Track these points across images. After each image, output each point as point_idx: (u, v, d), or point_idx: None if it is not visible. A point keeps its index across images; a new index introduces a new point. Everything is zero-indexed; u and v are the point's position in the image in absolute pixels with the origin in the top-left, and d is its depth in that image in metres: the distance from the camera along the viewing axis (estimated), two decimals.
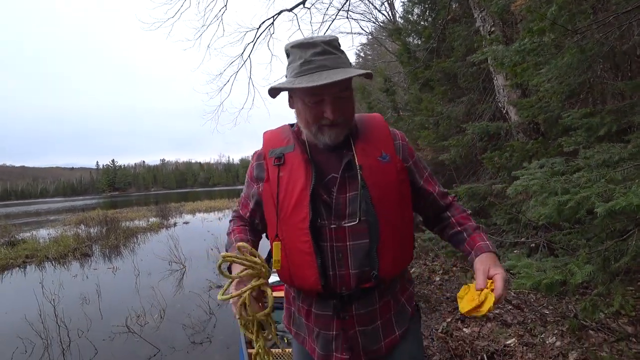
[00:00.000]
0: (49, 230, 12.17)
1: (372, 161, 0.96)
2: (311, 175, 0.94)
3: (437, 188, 1.09)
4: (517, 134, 4.09)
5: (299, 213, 0.94)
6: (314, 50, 0.89)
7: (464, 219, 1.06)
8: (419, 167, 1.07)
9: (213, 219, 14.74)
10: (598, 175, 1.70)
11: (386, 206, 0.95)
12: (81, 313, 4.18)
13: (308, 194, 0.93)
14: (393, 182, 0.98)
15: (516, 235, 3.57)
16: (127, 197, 62.45)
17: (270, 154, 1.01)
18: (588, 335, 2.29)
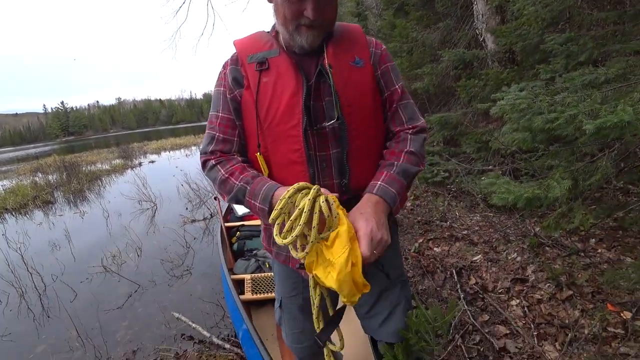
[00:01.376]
0: (2, 182, 11.38)
1: (343, 65, 0.92)
2: (302, 80, 0.89)
3: (400, 109, 0.99)
4: (492, 62, 4.07)
5: (290, 120, 0.89)
6: None
7: (391, 155, 0.95)
8: (387, 77, 0.99)
9: (180, 156, 14.26)
10: (583, 96, 1.70)
11: (357, 112, 0.92)
12: (52, 259, 4.06)
13: (301, 100, 0.88)
14: (365, 88, 0.95)
15: (484, 163, 3.71)
16: (84, 140, 58.74)
17: (250, 59, 0.94)
18: (544, 251, 2.51)
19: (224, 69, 0.99)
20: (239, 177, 0.91)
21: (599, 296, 1.96)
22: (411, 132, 0.97)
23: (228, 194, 0.93)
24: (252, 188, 0.88)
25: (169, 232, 4.48)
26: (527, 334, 1.82)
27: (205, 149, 0.99)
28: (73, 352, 2.36)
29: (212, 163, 0.96)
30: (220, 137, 0.97)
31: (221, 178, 0.93)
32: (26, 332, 2.70)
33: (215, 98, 1.00)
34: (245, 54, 0.95)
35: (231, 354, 2.07)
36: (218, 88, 0.99)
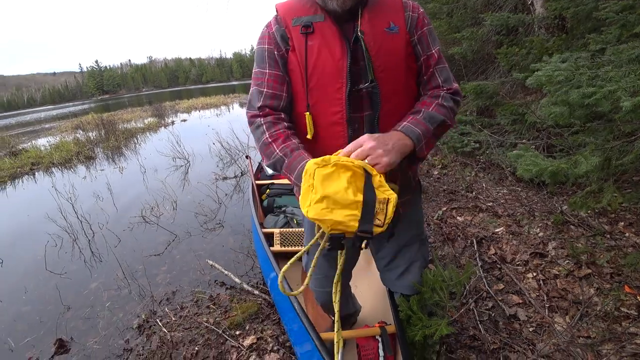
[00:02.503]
0: (47, 138, 12.11)
1: (377, 30, 0.94)
2: (346, 46, 0.93)
3: (437, 72, 1.01)
4: (538, 29, 3.78)
5: (335, 83, 0.94)
6: None
7: (421, 104, 0.99)
8: (423, 43, 1.00)
9: (210, 116, 14.53)
10: (627, 71, 1.62)
11: (390, 77, 0.95)
12: (98, 209, 4.42)
13: (345, 64, 0.92)
14: (399, 54, 0.96)
15: (518, 137, 3.59)
16: (118, 99, 60.59)
17: (295, 22, 0.97)
18: (569, 229, 2.48)
19: (268, 28, 1.01)
20: (280, 146, 0.94)
21: (618, 277, 1.97)
22: (445, 92, 1.00)
23: (267, 159, 0.97)
24: (289, 162, 0.92)
25: (202, 187, 4.73)
26: (539, 305, 1.89)
27: (254, 105, 1.01)
28: (121, 290, 2.67)
29: (259, 121, 0.98)
30: (269, 93, 0.99)
31: (264, 141, 0.96)
32: (80, 272, 3.05)
33: (260, 55, 1.01)
34: (289, 16, 0.97)
35: (259, 299, 2.28)
36: (263, 46, 1.00)
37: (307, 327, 1.30)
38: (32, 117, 36.10)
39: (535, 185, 3.21)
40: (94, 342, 2.14)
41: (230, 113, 15.20)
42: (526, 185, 3.29)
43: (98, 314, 2.41)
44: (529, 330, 1.76)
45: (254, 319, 2.11)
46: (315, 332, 1.27)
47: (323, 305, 1.41)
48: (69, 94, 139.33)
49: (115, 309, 2.45)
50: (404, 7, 0.98)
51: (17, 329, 2.40)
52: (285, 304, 1.59)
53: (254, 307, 2.18)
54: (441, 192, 3.47)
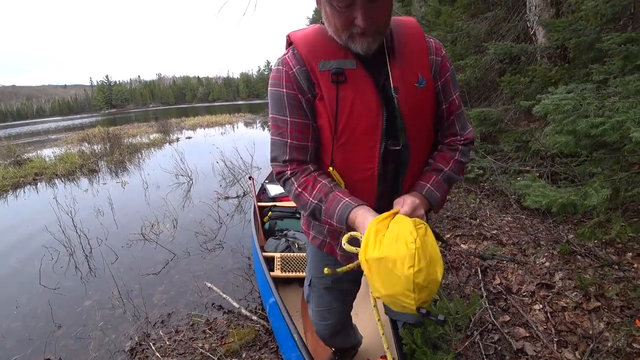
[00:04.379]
0: (52, 149, 12.23)
1: (409, 88, 0.88)
2: (381, 100, 0.86)
3: (456, 120, 0.99)
4: (541, 58, 3.87)
5: (368, 140, 0.88)
6: None
7: (441, 159, 0.98)
8: (447, 90, 0.97)
9: (215, 134, 14.67)
10: (634, 102, 1.63)
11: (418, 135, 0.92)
12: (97, 224, 4.39)
13: (382, 120, 0.86)
14: (427, 109, 0.93)
15: (522, 164, 3.60)
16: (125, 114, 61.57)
17: (323, 66, 0.85)
18: (576, 259, 2.44)
19: (286, 67, 0.88)
20: (312, 193, 0.89)
21: (628, 311, 1.91)
22: (462, 143, 0.99)
23: (305, 210, 0.92)
24: (326, 208, 0.88)
25: (204, 206, 4.71)
26: (547, 339, 1.82)
27: (279, 159, 0.92)
28: (115, 309, 2.60)
29: (287, 175, 0.92)
30: (294, 145, 0.90)
31: (295, 192, 0.91)
32: (75, 288, 2.99)
33: (277, 99, 0.89)
34: (314, 57, 0.86)
35: (257, 325, 2.21)
36: (281, 90, 0.88)
37: (306, 358, 1.25)
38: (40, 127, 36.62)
39: (540, 213, 3.17)
40: None
41: (235, 132, 15.35)
42: (531, 213, 3.25)
43: (90, 334, 2.35)
44: None
45: (252, 346, 2.04)
46: None
47: (322, 339, 1.36)
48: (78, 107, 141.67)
49: (108, 330, 2.38)
50: (427, 49, 0.92)
51: (4, 346, 2.33)
52: (284, 332, 1.53)
53: (252, 333, 2.11)
54: (445, 219, 3.43)
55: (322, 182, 0.90)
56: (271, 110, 0.92)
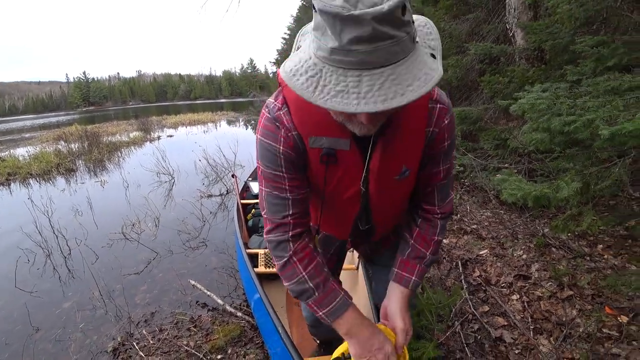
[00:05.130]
0: (27, 148, 11.77)
1: (385, 182, 0.87)
2: (362, 176, 0.85)
3: (437, 191, 0.97)
4: (519, 59, 4.00)
5: (348, 207, 0.94)
6: (356, 34, 0.54)
7: (422, 241, 0.99)
8: (434, 161, 0.91)
9: (198, 132, 14.45)
10: (603, 101, 1.72)
11: (387, 214, 0.99)
12: (76, 224, 4.27)
13: (359, 197, 0.90)
14: (406, 195, 0.96)
15: (500, 161, 3.72)
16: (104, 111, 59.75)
17: (314, 143, 0.80)
18: (550, 251, 2.55)
19: (283, 128, 0.80)
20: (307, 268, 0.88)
21: (599, 299, 2.01)
22: (440, 217, 0.98)
23: (288, 281, 0.89)
24: (320, 297, 0.87)
25: (186, 205, 4.65)
26: (524, 327, 1.90)
27: (279, 212, 0.87)
28: (96, 310, 2.55)
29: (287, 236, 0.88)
30: (296, 199, 0.87)
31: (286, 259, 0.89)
32: (53, 290, 2.90)
33: (273, 156, 0.82)
34: (306, 131, 0.79)
35: (243, 321, 2.21)
36: (278, 146, 0.81)
37: (291, 351, 1.27)
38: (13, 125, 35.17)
39: (517, 208, 3.28)
40: None
41: (217, 130, 15.16)
42: (509, 208, 3.36)
43: (70, 336, 2.29)
44: (514, 353, 1.75)
45: (237, 342, 2.04)
46: (300, 356, 1.24)
47: (312, 326, 1.37)
48: (53, 104, 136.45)
49: (89, 331, 2.33)
50: (427, 121, 0.83)
51: None
52: (269, 327, 1.54)
53: (237, 329, 2.11)
54: None
55: (318, 261, 0.90)
56: (265, 164, 0.84)
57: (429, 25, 0.67)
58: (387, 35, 0.54)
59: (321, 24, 0.57)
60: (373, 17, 0.52)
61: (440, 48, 0.65)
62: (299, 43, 0.70)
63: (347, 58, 0.56)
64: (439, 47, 0.65)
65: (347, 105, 0.56)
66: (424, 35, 0.65)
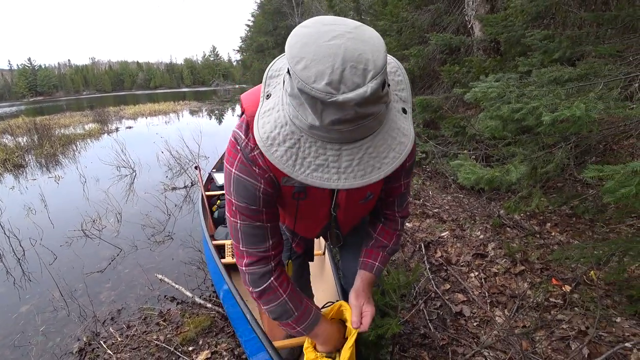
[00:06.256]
0: None
1: (351, 205, 0.95)
2: (331, 205, 0.93)
3: (397, 200, 1.04)
4: (477, 50, 4.16)
5: (316, 224, 1.04)
6: (338, 117, 0.54)
7: (386, 234, 1.08)
8: (395, 178, 0.96)
9: (159, 123, 13.89)
10: (547, 91, 1.85)
11: (351, 223, 1.09)
12: (29, 223, 4.02)
13: (328, 217, 0.98)
14: (367, 212, 1.09)
15: (460, 147, 3.90)
16: (54, 102, 55.40)
17: (286, 182, 0.81)
18: (505, 231, 2.75)
19: (258, 169, 0.79)
20: (286, 291, 0.92)
21: (547, 272, 2.20)
22: (400, 217, 1.08)
23: (267, 305, 0.91)
24: (299, 315, 0.93)
25: (150, 198, 4.51)
26: (482, 301, 2.05)
27: (260, 247, 0.87)
28: (57, 311, 2.44)
29: (270, 266, 0.89)
30: (274, 226, 0.89)
31: (270, 285, 0.90)
32: (7, 294, 2.74)
33: (251, 193, 0.81)
34: (279, 174, 0.80)
35: (213, 312, 2.21)
36: (258, 184, 0.80)
37: (261, 338, 1.30)
38: None
39: (475, 192, 3.47)
40: None
41: (180, 121, 14.63)
42: (468, 192, 3.55)
43: (30, 340, 2.19)
44: (473, 325, 1.89)
45: (208, 333, 2.04)
46: (270, 342, 1.27)
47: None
48: None
49: (51, 333, 2.23)
50: None
51: None
52: (238, 316, 1.56)
53: (207, 320, 2.11)
54: None
55: (292, 282, 0.97)
56: (240, 199, 0.82)
57: (399, 72, 0.68)
58: (368, 114, 0.55)
59: (298, 96, 0.56)
60: (356, 102, 0.52)
61: (410, 96, 0.67)
62: (268, 89, 0.67)
63: (327, 134, 0.57)
64: (409, 97, 0.66)
65: (327, 181, 0.58)
66: (394, 85, 0.66)
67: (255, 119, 0.64)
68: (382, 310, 1.31)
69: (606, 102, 1.55)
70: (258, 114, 0.65)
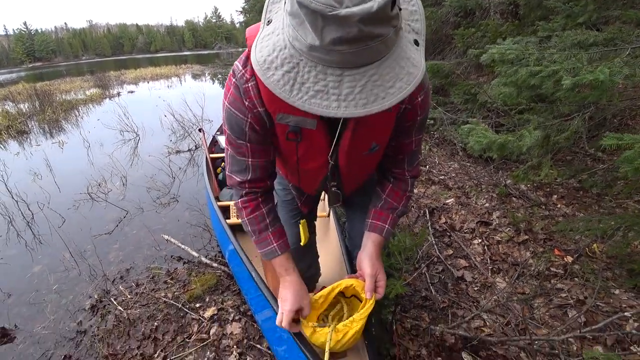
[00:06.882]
0: None
1: (355, 157, 0.89)
2: (331, 151, 0.87)
3: (407, 158, 1.00)
4: (494, 14, 3.95)
5: (314, 174, 0.99)
6: (339, 35, 0.50)
7: (395, 196, 1.05)
8: (405, 133, 0.92)
9: (161, 87, 13.69)
10: (569, 54, 1.76)
11: (356, 178, 1.05)
12: (36, 187, 4.05)
13: (327, 170, 0.94)
14: (374, 165, 1.03)
15: (469, 115, 3.79)
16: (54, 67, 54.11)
17: (281, 119, 0.80)
18: (511, 200, 2.73)
19: (249, 102, 0.79)
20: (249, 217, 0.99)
21: (550, 242, 2.21)
22: (410, 177, 1.03)
23: (240, 220, 1.03)
24: (255, 240, 1.01)
25: (154, 161, 4.53)
26: (483, 268, 2.08)
27: (239, 176, 0.94)
28: (69, 271, 2.51)
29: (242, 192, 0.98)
30: (255, 164, 0.91)
31: (237, 206, 1.00)
32: (19, 256, 2.80)
33: (239, 126, 0.84)
34: (274, 107, 0.78)
35: (219, 271, 2.27)
36: (245, 119, 0.82)
37: (266, 295, 1.32)
38: None
39: (483, 160, 3.43)
40: (42, 328, 2.01)
41: (182, 85, 14.37)
42: (475, 160, 3.51)
43: (44, 298, 2.26)
44: (474, 290, 1.93)
45: (214, 291, 2.10)
46: (275, 299, 1.30)
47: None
48: None
49: (63, 292, 2.31)
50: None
51: None
52: (244, 275, 1.59)
53: (213, 279, 2.17)
54: None
55: (259, 213, 0.99)
56: (229, 130, 0.86)
57: (414, 2, 0.62)
58: (374, 34, 0.50)
59: (299, 13, 0.52)
60: (360, 18, 0.47)
61: (424, 29, 0.61)
62: (270, 15, 0.64)
63: (327, 57, 0.52)
64: (422, 30, 0.61)
65: (327, 108, 0.54)
66: (407, 15, 0.60)
67: (254, 44, 0.61)
68: (386, 271, 1.32)
69: (632, 68, 1.47)
70: (257, 39, 0.61)
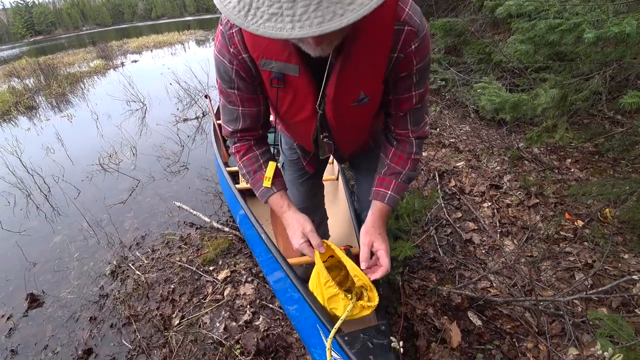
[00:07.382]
0: None
1: (343, 107, 0.86)
2: (317, 101, 0.85)
3: (410, 117, 0.94)
4: None
5: (303, 128, 0.97)
6: None
7: (399, 160, 1.00)
8: (403, 86, 0.87)
9: (165, 55, 13.46)
10: (593, 5, 1.64)
11: (350, 134, 1.02)
12: (49, 161, 4.13)
13: (315, 123, 0.91)
14: (366, 119, 0.97)
15: (483, 75, 3.61)
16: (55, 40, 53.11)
17: (264, 65, 0.80)
18: (523, 164, 2.66)
19: (233, 48, 0.81)
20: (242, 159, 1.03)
21: (561, 207, 2.18)
22: (415, 138, 0.97)
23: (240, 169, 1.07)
24: (252, 182, 1.04)
25: (163, 130, 4.56)
26: (492, 231, 2.08)
27: (231, 125, 0.98)
28: (87, 240, 2.61)
29: (234, 139, 1.02)
30: (246, 113, 0.95)
31: (232, 150, 1.06)
32: (40, 227, 2.90)
33: (226, 74, 0.87)
34: (256, 53, 0.80)
35: (230, 235, 2.34)
36: (231, 66, 0.84)
37: (277, 257, 1.36)
38: None
39: (495, 123, 3.34)
40: (68, 292, 2.12)
41: (186, 52, 14.08)
42: (487, 123, 3.42)
43: (67, 266, 2.37)
44: (481, 252, 1.95)
45: (227, 254, 2.18)
46: (285, 260, 1.33)
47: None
48: None
49: (84, 259, 2.41)
50: (392, 45, 0.77)
51: None
52: (255, 238, 1.63)
53: (226, 243, 2.23)
54: None
55: (252, 155, 1.02)
56: (220, 79, 0.90)
57: None
58: None
59: None
60: None
61: None
62: None
63: None
64: None
65: (280, 31, 0.50)
66: None
67: None
68: (395, 234, 1.34)
69: None
70: None
